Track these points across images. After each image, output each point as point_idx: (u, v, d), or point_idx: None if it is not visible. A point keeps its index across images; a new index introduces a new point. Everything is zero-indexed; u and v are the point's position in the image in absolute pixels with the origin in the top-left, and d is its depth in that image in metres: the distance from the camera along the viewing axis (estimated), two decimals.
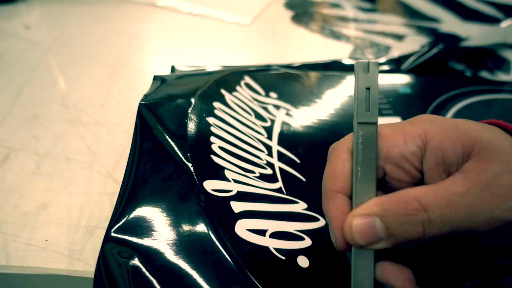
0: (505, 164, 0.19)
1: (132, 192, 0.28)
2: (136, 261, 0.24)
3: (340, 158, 0.22)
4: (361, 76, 0.21)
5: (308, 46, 0.52)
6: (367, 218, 0.20)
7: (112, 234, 0.25)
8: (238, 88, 0.40)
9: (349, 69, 0.47)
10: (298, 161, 0.34)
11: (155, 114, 0.34)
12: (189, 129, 0.33)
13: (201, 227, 0.26)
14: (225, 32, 0.55)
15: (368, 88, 0.21)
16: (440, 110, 0.41)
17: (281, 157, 0.34)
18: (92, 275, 0.24)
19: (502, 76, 0.48)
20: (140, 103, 0.35)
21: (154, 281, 0.23)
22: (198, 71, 0.43)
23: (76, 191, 0.30)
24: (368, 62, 0.21)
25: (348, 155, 0.22)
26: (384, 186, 0.23)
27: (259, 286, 0.24)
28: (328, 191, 0.22)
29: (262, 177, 0.32)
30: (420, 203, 0.19)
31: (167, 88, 0.38)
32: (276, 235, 0.27)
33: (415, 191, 0.20)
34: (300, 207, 0.29)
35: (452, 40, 0.53)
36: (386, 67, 0.48)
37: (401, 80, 0.46)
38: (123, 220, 0.26)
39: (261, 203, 0.29)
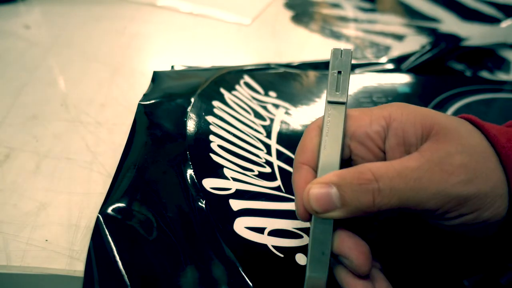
0: (459, 146, 0.20)
1: (126, 183, 0.28)
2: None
3: (310, 134, 0.23)
4: (334, 61, 0.24)
5: (308, 46, 0.52)
6: (324, 186, 0.21)
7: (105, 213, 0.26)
8: (237, 87, 0.40)
9: None
10: None
11: (155, 113, 0.34)
12: (188, 127, 0.33)
13: (199, 225, 0.26)
14: (225, 32, 0.55)
15: (339, 72, 0.23)
16: (439, 109, 0.41)
17: (280, 155, 0.34)
18: None
19: (502, 76, 0.48)
20: (139, 103, 0.35)
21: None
22: (198, 69, 0.43)
23: (76, 191, 0.30)
24: (341, 49, 0.24)
25: (318, 131, 0.23)
26: (350, 165, 0.23)
27: (258, 283, 0.24)
28: (296, 163, 0.23)
29: (261, 175, 0.32)
30: (373, 174, 0.20)
31: (166, 88, 0.38)
32: (275, 233, 0.27)
33: (372, 164, 0.21)
34: None
35: (452, 40, 0.53)
36: (386, 67, 0.48)
37: (401, 79, 0.46)
38: (114, 206, 0.27)
39: (259, 201, 0.29)
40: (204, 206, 0.28)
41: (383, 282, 0.22)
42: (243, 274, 0.24)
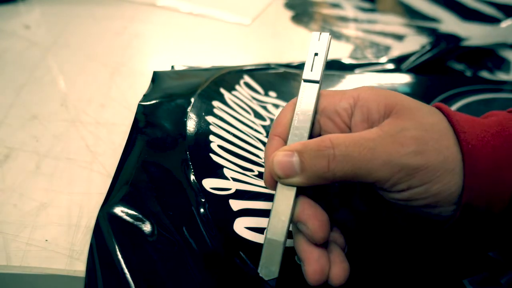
0: (416, 122, 0.21)
1: (126, 183, 0.28)
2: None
3: (286, 109, 0.25)
4: (313, 44, 0.25)
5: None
6: (288, 153, 0.22)
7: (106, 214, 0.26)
8: (237, 87, 0.40)
9: (349, 68, 0.47)
10: None
11: (155, 113, 0.34)
12: (188, 128, 0.33)
13: (199, 224, 0.26)
14: (225, 32, 0.55)
15: (316, 54, 0.25)
16: None
17: None
18: None
19: (502, 76, 0.48)
20: (139, 103, 0.35)
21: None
22: (198, 69, 0.43)
23: (76, 191, 0.30)
24: (320, 33, 0.26)
25: (294, 107, 0.24)
26: None
27: (258, 283, 0.24)
28: (270, 135, 0.25)
29: (261, 175, 0.32)
30: (332, 141, 0.21)
31: (166, 88, 0.38)
32: None
33: (333, 134, 0.22)
34: None
35: (452, 40, 0.53)
36: (386, 67, 0.48)
37: (401, 79, 0.46)
38: (115, 206, 0.27)
39: (259, 201, 0.29)
40: (204, 206, 0.28)
41: (339, 258, 0.23)
42: (243, 274, 0.24)
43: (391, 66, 0.48)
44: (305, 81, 0.25)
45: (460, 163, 0.20)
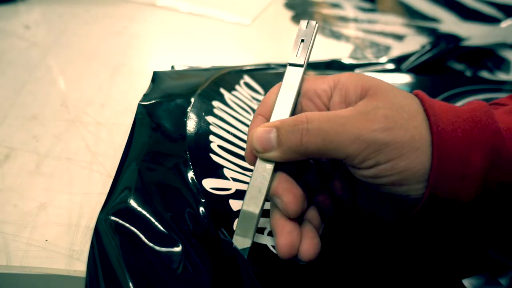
0: (388, 103, 0.22)
1: (127, 185, 0.28)
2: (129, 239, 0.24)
3: (272, 91, 0.26)
4: (300, 31, 0.27)
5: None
6: (267, 129, 0.23)
7: (105, 216, 0.26)
8: (237, 87, 0.40)
9: (349, 68, 0.47)
10: None
11: (155, 113, 0.34)
12: (188, 128, 0.33)
13: (198, 224, 0.26)
14: (225, 32, 0.55)
15: (302, 40, 0.26)
16: None
17: None
18: None
19: (502, 76, 0.48)
20: (139, 103, 0.35)
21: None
22: (198, 69, 0.43)
23: (76, 191, 0.30)
24: (308, 21, 0.27)
25: (279, 89, 0.26)
26: None
27: (257, 283, 0.24)
28: (255, 115, 0.26)
29: None
30: (307, 117, 0.22)
31: (166, 88, 0.38)
32: None
33: (311, 112, 0.23)
34: None
35: (452, 40, 0.53)
36: (386, 67, 0.48)
37: (401, 79, 0.46)
38: (116, 208, 0.27)
39: None
40: (204, 206, 0.28)
41: (311, 234, 0.24)
42: (243, 272, 0.24)
43: (391, 66, 0.48)
44: (291, 65, 0.26)
45: (429, 144, 0.21)
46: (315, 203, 0.26)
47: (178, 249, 0.25)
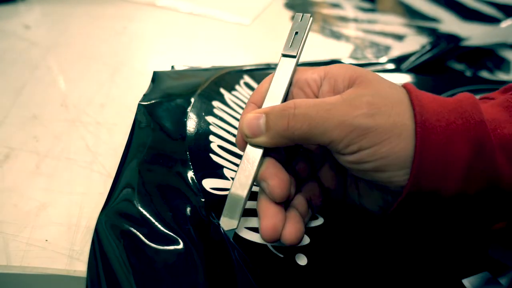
0: (373, 91, 0.23)
1: (127, 185, 0.28)
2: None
3: (265, 80, 0.27)
4: (295, 23, 0.27)
5: (308, 46, 0.52)
6: (257, 115, 0.24)
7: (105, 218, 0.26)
8: (237, 87, 0.40)
9: None
10: None
11: (155, 113, 0.34)
12: (188, 128, 0.33)
13: (198, 224, 0.26)
14: (225, 32, 0.55)
15: (296, 33, 0.27)
16: None
17: None
18: None
19: (502, 76, 0.48)
20: (139, 103, 0.35)
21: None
22: (198, 69, 0.43)
23: (76, 191, 0.30)
24: (302, 14, 0.28)
25: (272, 79, 0.26)
26: None
27: (258, 283, 0.24)
28: (248, 102, 0.27)
29: None
30: (295, 103, 0.23)
31: (166, 88, 0.38)
32: None
33: (299, 99, 0.24)
34: None
35: (452, 40, 0.53)
36: (386, 67, 0.48)
37: (401, 79, 0.46)
38: (116, 209, 0.27)
39: None
40: (204, 206, 0.28)
41: (295, 219, 0.25)
42: (244, 273, 0.24)
43: (391, 66, 0.48)
44: (284, 56, 0.27)
45: (412, 132, 0.21)
46: (303, 191, 0.27)
47: (179, 248, 0.25)
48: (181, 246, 0.25)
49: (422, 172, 0.21)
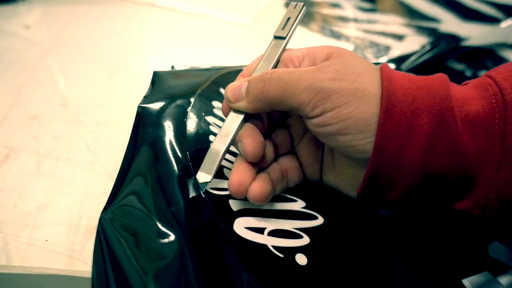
0: (343, 61, 0.24)
1: (127, 186, 0.28)
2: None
3: (256, 59, 0.30)
4: (289, 10, 0.30)
5: (308, 46, 0.52)
6: (241, 82, 0.27)
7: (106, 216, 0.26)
8: None
9: None
10: None
11: (155, 114, 0.34)
12: (188, 128, 0.33)
13: (198, 223, 0.27)
14: (225, 32, 0.55)
15: (289, 18, 0.30)
16: None
17: None
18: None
19: None
20: (139, 105, 0.35)
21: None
22: (198, 69, 0.43)
23: (76, 191, 0.30)
24: (296, 3, 0.30)
25: (262, 57, 0.29)
26: None
27: (257, 283, 0.24)
28: (237, 76, 0.29)
29: None
30: (273, 71, 0.25)
31: (166, 88, 0.38)
32: (275, 233, 0.27)
33: (279, 68, 0.26)
34: (298, 205, 0.29)
35: (452, 40, 0.53)
36: None
37: None
38: (118, 209, 0.27)
39: None
40: (203, 206, 0.28)
41: (264, 179, 0.27)
42: (244, 273, 0.24)
43: (391, 66, 0.48)
44: (275, 37, 0.29)
45: (375, 98, 0.23)
46: (280, 163, 0.29)
47: (181, 246, 0.25)
48: (183, 243, 0.25)
49: (385, 139, 0.22)
